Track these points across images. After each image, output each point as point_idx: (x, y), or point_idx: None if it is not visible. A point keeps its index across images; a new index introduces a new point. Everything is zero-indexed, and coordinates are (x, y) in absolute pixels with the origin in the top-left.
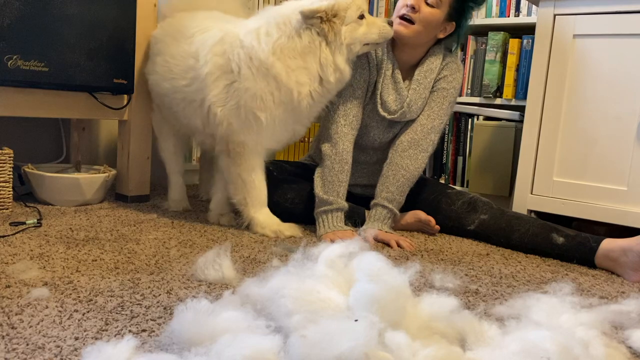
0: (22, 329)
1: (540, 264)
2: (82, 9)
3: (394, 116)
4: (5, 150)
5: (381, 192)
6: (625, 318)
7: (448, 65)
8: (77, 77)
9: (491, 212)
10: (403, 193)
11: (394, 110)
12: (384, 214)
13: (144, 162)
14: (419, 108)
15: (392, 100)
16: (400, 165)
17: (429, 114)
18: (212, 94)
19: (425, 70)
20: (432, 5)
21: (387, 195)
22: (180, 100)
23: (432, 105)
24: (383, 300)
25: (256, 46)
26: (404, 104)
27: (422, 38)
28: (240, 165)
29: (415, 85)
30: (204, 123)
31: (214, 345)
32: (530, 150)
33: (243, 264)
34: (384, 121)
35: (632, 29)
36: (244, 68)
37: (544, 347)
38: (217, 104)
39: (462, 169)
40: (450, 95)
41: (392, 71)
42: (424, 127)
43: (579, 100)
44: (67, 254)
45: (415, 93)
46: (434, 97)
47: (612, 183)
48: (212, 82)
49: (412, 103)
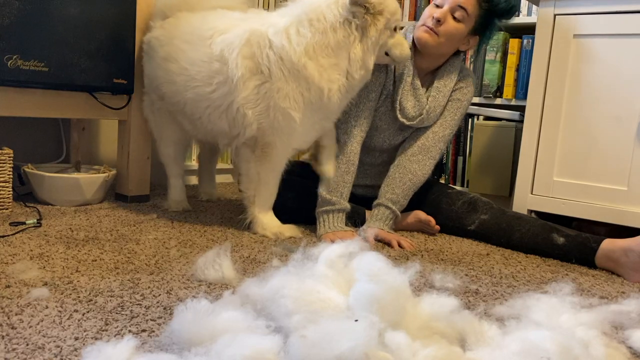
0: (22, 329)
1: (540, 264)
2: (82, 9)
3: (413, 122)
4: (5, 150)
5: (386, 192)
6: (626, 318)
7: (465, 79)
8: (77, 77)
9: (491, 212)
10: (407, 197)
11: (413, 117)
12: (386, 214)
13: (144, 162)
14: (436, 115)
15: (410, 107)
16: (408, 169)
17: (441, 123)
18: (242, 95)
19: (445, 79)
20: (459, 20)
21: (391, 197)
22: (205, 108)
23: (446, 114)
24: (383, 300)
25: (287, 46)
26: (423, 111)
27: (443, 49)
28: (263, 165)
29: (435, 93)
30: (230, 125)
31: (214, 345)
32: (530, 150)
33: (243, 264)
34: (395, 124)
35: (632, 29)
36: (274, 69)
37: (544, 347)
38: (248, 105)
39: (462, 169)
40: (463, 107)
41: (412, 78)
42: (435, 135)
43: (579, 100)
44: (67, 254)
45: (434, 101)
46: (449, 107)
47: (612, 183)
48: (242, 84)
49: (431, 111)
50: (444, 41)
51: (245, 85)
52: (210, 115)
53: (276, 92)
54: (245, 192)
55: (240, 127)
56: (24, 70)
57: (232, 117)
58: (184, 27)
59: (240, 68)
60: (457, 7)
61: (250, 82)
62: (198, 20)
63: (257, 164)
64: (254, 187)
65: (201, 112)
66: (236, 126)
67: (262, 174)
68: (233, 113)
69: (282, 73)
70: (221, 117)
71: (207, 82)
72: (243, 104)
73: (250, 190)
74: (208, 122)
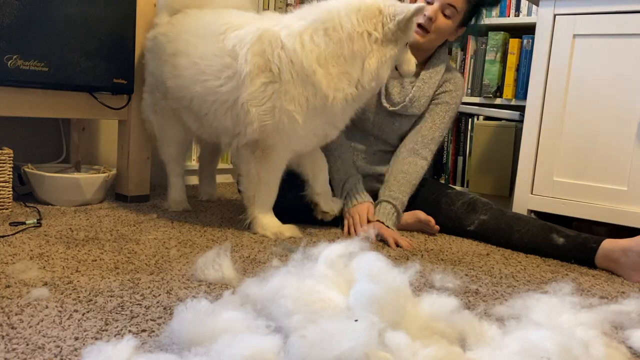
0: (22, 329)
1: (540, 264)
2: (82, 9)
3: (396, 108)
4: (5, 150)
5: (384, 192)
6: (626, 318)
7: (454, 80)
8: (77, 77)
9: (491, 213)
10: (404, 193)
11: (397, 103)
12: (388, 209)
13: (144, 162)
14: (421, 105)
15: (396, 93)
16: (399, 170)
17: (430, 126)
18: (248, 91)
19: (431, 72)
20: (449, 17)
21: (390, 194)
22: (212, 103)
23: (435, 117)
24: (383, 300)
25: (299, 51)
26: (406, 98)
27: (434, 43)
28: (262, 165)
29: (420, 84)
30: (234, 122)
31: (214, 345)
32: (530, 150)
33: (243, 264)
34: (381, 110)
35: (632, 29)
36: (284, 71)
37: (544, 347)
38: (253, 102)
39: (462, 169)
40: (452, 110)
41: None
42: (424, 138)
43: (579, 100)
44: (67, 254)
45: (419, 90)
46: (438, 110)
47: (612, 183)
48: (249, 80)
49: (415, 99)
50: (434, 37)
51: (252, 81)
52: (216, 111)
53: (284, 94)
54: (245, 193)
55: (242, 125)
56: (24, 70)
57: (236, 113)
58: (195, 23)
59: (249, 64)
60: (447, 5)
61: (257, 79)
62: (211, 17)
63: (257, 164)
64: (254, 187)
65: (208, 107)
66: (239, 124)
67: (262, 175)
68: (237, 109)
69: (291, 76)
70: (226, 113)
71: (216, 76)
72: (248, 100)
73: (251, 191)
74: (214, 118)
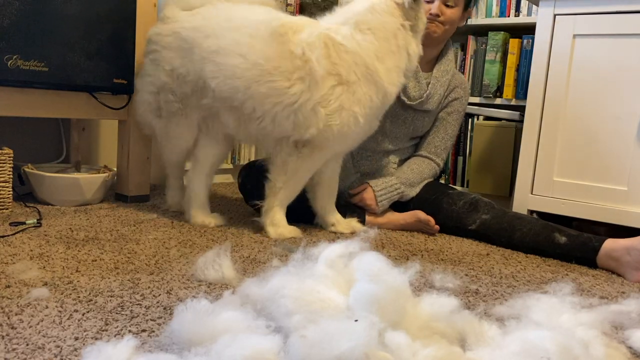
0: (22, 329)
1: (540, 264)
2: (82, 9)
3: (414, 103)
4: (5, 150)
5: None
6: (626, 318)
7: (464, 86)
8: (77, 77)
9: (493, 212)
10: (412, 181)
11: (414, 97)
12: (391, 182)
13: (144, 162)
14: (434, 102)
15: (412, 87)
16: (411, 163)
17: (443, 136)
18: (321, 94)
19: (443, 70)
20: (452, 6)
21: (399, 175)
22: (274, 105)
23: (448, 128)
24: (383, 300)
25: (360, 52)
26: (423, 94)
27: (449, 34)
28: (303, 162)
29: (434, 82)
30: (295, 124)
31: (214, 345)
32: (530, 150)
33: (243, 264)
34: (396, 104)
35: (632, 29)
36: (350, 73)
37: (544, 347)
38: (323, 104)
39: (462, 169)
40: (461, 117)
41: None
42: (437, 148)
43: (579, 100)
44: (67, 254)
45: (433, 88)
46: (450, 120)
47: (612, 183)
48: (322, 83)
49: (430, 97)
50: (449, 27)
51: (324, 83)
52: (276, 115)
53: (352, 95)
54: (273, 182)
55: (304, 126)
56: (24, 70)
57: (301, 115)
58: (237, 20)
59: (322, 67)
60: None
61: (327, 82)
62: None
63: (298, 160)
64: (284, 180)
65: (266, 109)
66: (301, 125)
67: (299, 171)
68: (305, 111)
69: (357, 77)
70: (289, 116)
71: (287, 77)
72: (319, 102)
73: (280, 182)
74: (271, 121)
